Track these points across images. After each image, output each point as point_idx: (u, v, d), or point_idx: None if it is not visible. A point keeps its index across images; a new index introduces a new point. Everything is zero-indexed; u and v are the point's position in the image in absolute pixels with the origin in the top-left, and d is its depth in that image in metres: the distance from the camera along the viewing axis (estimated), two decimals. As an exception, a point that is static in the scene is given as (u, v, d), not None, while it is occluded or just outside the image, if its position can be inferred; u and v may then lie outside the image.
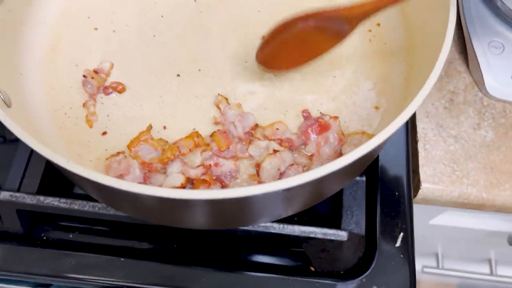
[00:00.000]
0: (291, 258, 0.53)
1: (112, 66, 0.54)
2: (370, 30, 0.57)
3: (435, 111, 0.61)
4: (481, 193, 0.57)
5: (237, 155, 0.49)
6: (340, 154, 0.49)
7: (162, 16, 0.58)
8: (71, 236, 0.54)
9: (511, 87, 0.61)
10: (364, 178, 0.55)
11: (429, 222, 0.76)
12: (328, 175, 0.35)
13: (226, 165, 0.49)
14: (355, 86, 0.54)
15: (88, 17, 0.57)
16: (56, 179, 0.53)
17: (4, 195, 0.49)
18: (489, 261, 1.04)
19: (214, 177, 0.48)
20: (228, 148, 0.49)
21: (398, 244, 0.52)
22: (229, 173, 0.49)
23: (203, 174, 0.48)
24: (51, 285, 0.63)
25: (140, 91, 0.53)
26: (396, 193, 0.55)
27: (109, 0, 0.58)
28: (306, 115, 0.52)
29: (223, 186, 0.48)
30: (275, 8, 0.58)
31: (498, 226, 0.75)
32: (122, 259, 0.51)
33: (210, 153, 0.49)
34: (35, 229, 0.54)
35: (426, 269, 1.02)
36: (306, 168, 0.49)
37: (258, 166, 0.49)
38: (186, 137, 0.51)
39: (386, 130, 0.38)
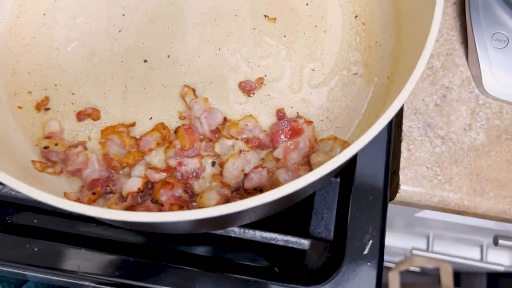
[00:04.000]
0: (255, 256, 0.52)
1: (60, 124, 0.48)
2: (356, 16, 0.53)
3: (424, 107, 0.57)
4: (463, 200, 0.54)
5: (201, 154, 0.47)
6: (307, 161, 0.46)
7: (132, -7, 0.53)
8: (35, 221, 0.53)
9: (511, 86, 0.56)
10: (338, 179, 0.52)
11: (414, 214, 0.74)
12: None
13: (190, 164, 0.47)
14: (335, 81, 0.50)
15: (54, -9, 0.53)
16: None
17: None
18: (481, 247, 1.03)
19: (178, 178, 0.46)
20: (192, 146, 0.47)
21: (366, 251, 0.50)
22: (193, 173, 0.46)
23: (167, 176, 0.46)
24: (27, 281, 0.64)
25: (104, 77, 0.50)
26: (370, 197, 0.52)
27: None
28: (281, 115, 0.49)
29: (188, 187, 0.46)
30: (257, -12, 0.54)
31: (483, 224, 0.72)
32: (84, 250, 0.50)
33: (174, 151, 0.47)
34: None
35: (415, 251, 1.01)
36: (272, 172, 0.46)
37: (221, 165, 0.46)
38: (152, 129, 0.48)
39: (356, 143, 0.35)
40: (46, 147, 0.46)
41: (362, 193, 0.52)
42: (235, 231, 0.47)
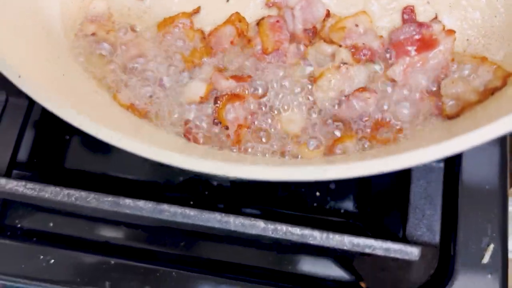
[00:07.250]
0: (336, 266, 0.38)
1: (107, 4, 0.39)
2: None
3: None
4: None
5: (288, 61, 0.34)
6: (437, 91, 0.32)
7: None
8: (51, 224, 0.39)
9: None
10: (441, 165, 0.38)
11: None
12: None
13: (271, 73, 0.34)
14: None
15: None
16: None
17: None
18: None
19: (251, 89, 0.34)
20: (278, 49, 0.34)
21: (486, 260, 0.35)
22: (273, 85, 0.34)
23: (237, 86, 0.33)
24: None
25: None
26: (487, 186, 0.38)
27: None
28: (408, 16, 0.35)
29: (263, 103, 0.33)
30: None
31: None
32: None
33: (252, 52, 0.34)
34: (8, 214, 0.40)
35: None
36: (382, 102, 0.32)
37: (314, 80, 0.33)
38: (224, 22, 0.36)
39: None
40: (93, 34, 0.35)
41: (474, 182, 0.38)
42: (315, 236, 0.32)
